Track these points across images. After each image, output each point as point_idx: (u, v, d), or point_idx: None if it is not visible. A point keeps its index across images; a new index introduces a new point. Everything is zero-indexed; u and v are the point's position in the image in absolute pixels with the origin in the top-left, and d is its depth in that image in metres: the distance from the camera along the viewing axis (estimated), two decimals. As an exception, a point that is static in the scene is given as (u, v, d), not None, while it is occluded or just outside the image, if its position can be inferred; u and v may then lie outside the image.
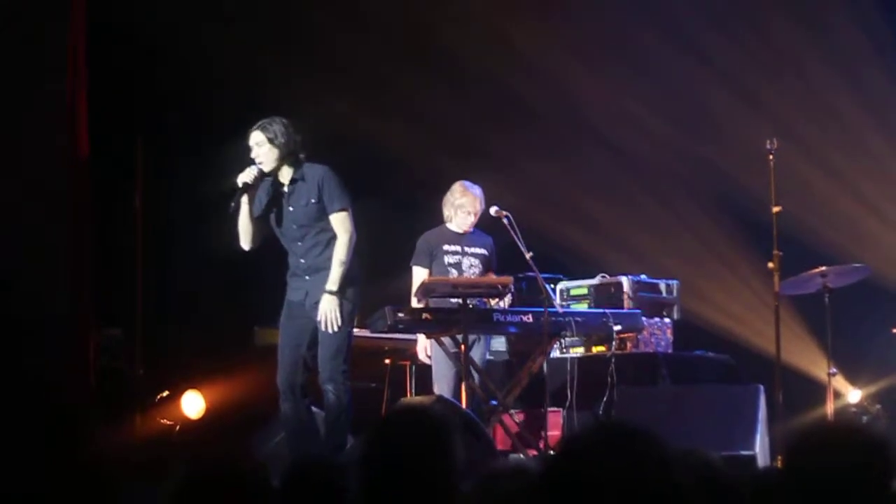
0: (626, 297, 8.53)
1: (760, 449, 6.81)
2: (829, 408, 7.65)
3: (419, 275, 7.62)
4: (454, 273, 7.62)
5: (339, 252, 6.65)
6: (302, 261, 6.78)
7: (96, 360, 7.03)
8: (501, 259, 7.92)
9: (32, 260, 6.63)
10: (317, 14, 9.10)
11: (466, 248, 7.71)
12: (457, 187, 7.73)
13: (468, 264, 7.68)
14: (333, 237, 6.71)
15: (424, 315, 7.15)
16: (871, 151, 9.43)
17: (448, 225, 7.75)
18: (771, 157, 7.50)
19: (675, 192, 9.74)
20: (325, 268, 6.69)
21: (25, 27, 6.72)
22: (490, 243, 7.79)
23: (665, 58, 9.56)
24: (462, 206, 7.66)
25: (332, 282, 6.62)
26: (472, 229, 7.71)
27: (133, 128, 7.81)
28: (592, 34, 9.66)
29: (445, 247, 7.69)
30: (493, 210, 7.59)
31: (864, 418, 8.48)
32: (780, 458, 6.90)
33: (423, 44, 9.11)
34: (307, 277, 6.76)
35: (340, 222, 6.71)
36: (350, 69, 9.16)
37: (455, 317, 7.16)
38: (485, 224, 7.84)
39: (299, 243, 6.78)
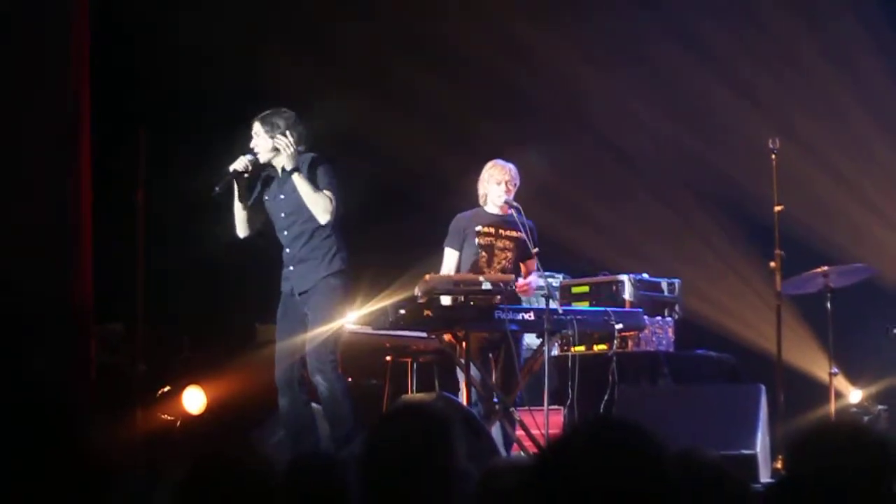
0: (627, 295, 8.53)
1: (761, 449, 6.80)
2: (831, 408, 7.65)
3: (450, 257, 7.46)
4: (484, 255, 7.43)
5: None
6: (287, 251, 6.83)
7: (97, 354, 7.03)
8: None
9: (33, 254, 6.63)
10: (317, 4, 9.10)
11: (501, 231, 7.43)
12: (489, 163, 7.55)
13: (501, 247, 7.46)
14: (318, 228, 6.73)
15: (426, 311, 7.12)
16: (874, 152, 9.42)
17: (485, 207, 7.53)
18: (773, 156, 7.50)
19: (677, 191, 9.72)
20: (309, 258, 6.74)
21: (28, 23, 6.73)
22: (530, 226, 7.41)
23: (669, 57, 9.55)
24: (493, 175, 7.44)
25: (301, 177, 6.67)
26: (509, 210, 7.40)
27: (135, 122, 7.79)
28: (596, 33, 9.66)
29: (478, 228, 7.43)
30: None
31: (866, 418, 8.48)
32: (780, 457, 6.90)
33: (426, 40, 9.10)
34: (291, 268, 6.80)
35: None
36: (349, 60, 9.14)
37: (456, 314, 7.13)
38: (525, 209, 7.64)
39: (286, 232, 6.84)
